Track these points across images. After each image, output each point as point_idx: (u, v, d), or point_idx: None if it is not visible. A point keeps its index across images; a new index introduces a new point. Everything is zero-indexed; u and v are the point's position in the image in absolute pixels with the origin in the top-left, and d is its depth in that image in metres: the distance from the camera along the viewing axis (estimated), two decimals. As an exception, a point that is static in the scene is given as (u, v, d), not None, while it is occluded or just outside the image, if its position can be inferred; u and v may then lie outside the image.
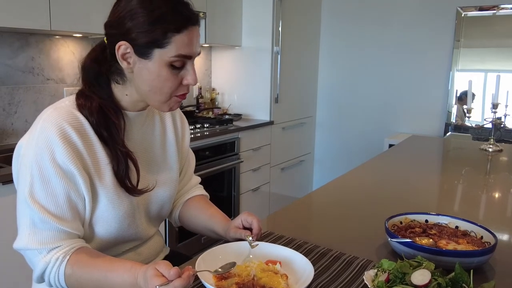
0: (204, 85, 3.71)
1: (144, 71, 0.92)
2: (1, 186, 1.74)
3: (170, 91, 0.93)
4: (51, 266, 0.87)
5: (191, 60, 0.93)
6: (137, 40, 0.89)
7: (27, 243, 0.88)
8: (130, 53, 0.91)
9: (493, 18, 3.44)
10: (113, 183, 0.96)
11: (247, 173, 3.28)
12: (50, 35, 2.46)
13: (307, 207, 1.57)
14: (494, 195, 1.74)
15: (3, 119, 2.30)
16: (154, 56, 0.90)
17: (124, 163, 0.95)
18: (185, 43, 0.90)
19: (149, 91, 0.94)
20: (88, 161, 0.92)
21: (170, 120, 1.15)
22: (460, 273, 0.83)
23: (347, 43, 3.98)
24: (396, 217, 1.18)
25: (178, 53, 0.89)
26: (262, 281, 0.90)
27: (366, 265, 1.02)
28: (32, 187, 0.87)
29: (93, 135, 0.93)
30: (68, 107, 0.93)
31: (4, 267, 1.76)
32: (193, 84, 0.94)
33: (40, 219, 0.87)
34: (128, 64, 0.92)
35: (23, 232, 0.89)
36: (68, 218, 0.90)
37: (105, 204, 0.95)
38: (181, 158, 1.19)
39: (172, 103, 0.97)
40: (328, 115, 4.21)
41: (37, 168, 0.87)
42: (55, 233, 0.88)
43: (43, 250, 0.88)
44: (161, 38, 0.88)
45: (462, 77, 3.51)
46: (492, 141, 2.48)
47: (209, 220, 1.16)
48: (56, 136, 0.87)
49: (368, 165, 2.15)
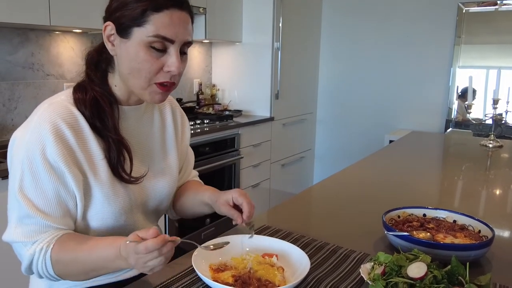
0: (204, 81, 3.71)
1: (124, 51, 0.91)
2: (1, 181, 1.75)
3: (148, 75, 0.90)
4: (36, 257, 0.88)
5: (174, 45, 0.90)
6: (119, 19, 0.89)
7: (13, 236, 0.89)
8: (114, 35, 0.91)
9: (495, 13, 3.43)
10: (109, 179, 0.95)
11: (247, 169, 3.28)
12: (50, 30, 2.46)
13: (305, 201, 1.57)
14: (494, 190, 1.74)
15: (3, 115, 2.31)
16: (133, 35, 0.89)
17: (116, 151, 0.94)
18: (165, 24, 0.87)
19: (129, 74, 0.92)
20: (81, 157, 0.91)
21: (170, 117, 1.14)
22: (456, 266, 0.83)
23: (348, 39, 3.97)
24: (394, 211, 1.18)
25: (157, 33, 0.87)
26: (259, 273, 0.90)
27: (363, 259, 1.02)
28: (22, 181, 0.88)
29: (88, 130, 0.93)
30: (63, 101, 0.93)
31: (4, 260, 1.76)
32: (175, 71, 0.91)
33: (27, 214, 0.88)
34: (112, 46, 0.92)
35: (11, 225, 0.90)
36: (56, 215, 0.90)
37: (101, 201, 0.94)
38: (181, 156, 1.18)
39: (153, 92, 0.93)
40: (328, 111, 4.20)
41: (28, 163, 0.87)
42: (41, 228, 0.89)
43: (28, 243, 0.89)
44: (139, 17, 0.87)
45: (463, 73, 3.50)
46: (492, 137, 2.47)
47: (198, 193, 1.14)
48: (49, 133, 0.87)
49: (368, 161, 2.15)
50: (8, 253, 1.73)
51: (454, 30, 3.48)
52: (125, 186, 0.98)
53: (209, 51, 3.75)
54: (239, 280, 0.87)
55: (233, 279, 0.88)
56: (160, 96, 0.95)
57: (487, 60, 3.48)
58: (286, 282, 0.88)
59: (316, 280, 0.92)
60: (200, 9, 3.01)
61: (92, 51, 0.99)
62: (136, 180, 0.99)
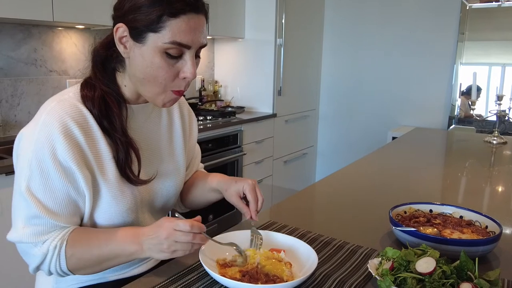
0: (206, 78, 3.70)
1: (138, 56, 0.87)
2: (4, 177, 1.74)
3: (164, 82, 0.88)
4: (50, 256, 0.87)
5: (190, 51, 0.87)
6: (133, 23, 0.85)
7: (21, 236, 0.87)
8: (127, 37, 0.88)
9: (498, 10, 3.41)
10: (116, 179, 0.94)
11: (249, 166, 3.28)
12: (52, 26, 2.45)
13: (310, 197, 1.57)
14: (498, 186, 1.73)
15: (6, 111, 2.30)
16: (148, 41, 0.85)
17: (123, 152, 0.93)
18: (181, 30, 0.84)
19: (143, 79, 0.89)
20: (90, 156, 0.90)
21: (178, 114, 1.12)
22: (465, 261, 0.83)
23: (351, 36, 3.96)
24: (400, 206, 1.18)
25: (173, 39, 0.84)
26: (266, 268, 0.90)
27: (370, 254, 1.01)
28: (30, 181, 0.86)
29: (97, 129, 0.91)
30: (71, 99, 0.90)
31: (8, 257, 1.77)
32: (190, 77, 0.89)
33: (35, 214, 0.86)
34: (125, 48, 0.89)
35: (17, 224, 0.88)
36: (65, 214, 0.89)
37: (108, 200, 0.93)
38: (188, 153, 1.17)
39: (167, 99, 0.92)
40: (331, 107, 4.19)
41: (37, 163, 0.85)
42: (49, 228, 0.88)
43: (38, 243, 0.88)
44: (155, 22, 0.83)
45: (467, 70, 3.49)
46: (496, 134, 2.46)
47: (206, 181, 1.14)
48: (58, 132, 0.85)
49: (371, 157, 2.14)
50: (14, 251, 1.74)
51: (458, 27, 3.46)
52: (132, 186, 0.97)
53: (211, 47, 3.74)
54: (246, 275, 0.87)
55: (240, 274, 0.88)
56: (172, 102, 0.94)
57: (491, 57, 3.47)
58: (294, 277, 0.88)
59: (323, 275, 0.91)
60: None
61: (98, 48, 0.95)
62: (143, 183, 0.98)
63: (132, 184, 0.96)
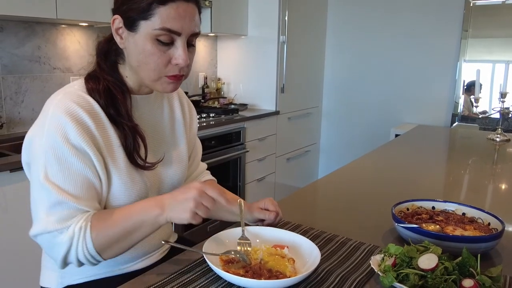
0: (209, 75, 3.70)
1: (132, 45, 0.91)
2: (9, 173, 1.75)
3: (157, 68, 0.91)
4: (76, 238, 0.86)
5: (180, 38, 0.90)
6: (127, 13, 0.90)
7: (46, 226, 0.86)
8: (122, 28, 0.92)
9: (502, 7, 3.40)
10: (126, 165, 0.96)
11: (252, 163, 3.29)
12: (56, 24, 2.46)
13: (313, 194, 1.57)
14: (501, 184, 1.73)
15: (10, 108, 2.32)
16: (140, 29, 0.89)
17: (131, 137, 0.95)
18: (171, 16, 0.87)
19: (138, 66, 0.93)
20: (101, 142, 0.92)
21: (179, 107, 1.15)
22: (467, 258, 0.83)
23: (354, 33, 3.95)
24: (403, 203, 1.18)
25: (163, 26, 0.87)
26: (269, 264, 0.90)
27: (372, 250, 1.02)
28: (47, 169, 0.86)
29: (104, 117, 0.93)
30: (77, 91, 0.93)
31: (13, 253, 1.78)
32: (182, 64, 0.91)
33: (57, 200, 0.86)
34: (121, 39, 0.93)
35: (40, 216, 0.87)
36: (86, 197, 0.89)
37: (118, 186, 0.95)
38: (189, 144, 1.19)
39: (164, 83, 0.95)
40: (334, 105, 4.19)
41: (52, 150, 0.86)
42: (73, 212, 0.88)
43: (63, 229, 0.86)
44: (146, 10, 0.87)
45: (470, 67, 3.48)
46: (499, 131, 2.46)
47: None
48: (67, 118, 0.87)
49: (374, 154, 2.14)
50: (21, 247, 1.75)
51: (461, 24, 3.45)
52: (141, 173, 0.99)
53: (214, 44, 3.74)
54: (250, 271, 0.88)
55: (243, 270, 0.89)
56: (172, 86, 0.96)
57: (494, 54, 3.45)
58: (297, 273, 0.88)
59: (326, 271, 0.92)
60: (206, 3, 3.00)
61: (102, 41, 1.00)
62: (151, 166, 1.00)
63: (141, 169, 0.98)
